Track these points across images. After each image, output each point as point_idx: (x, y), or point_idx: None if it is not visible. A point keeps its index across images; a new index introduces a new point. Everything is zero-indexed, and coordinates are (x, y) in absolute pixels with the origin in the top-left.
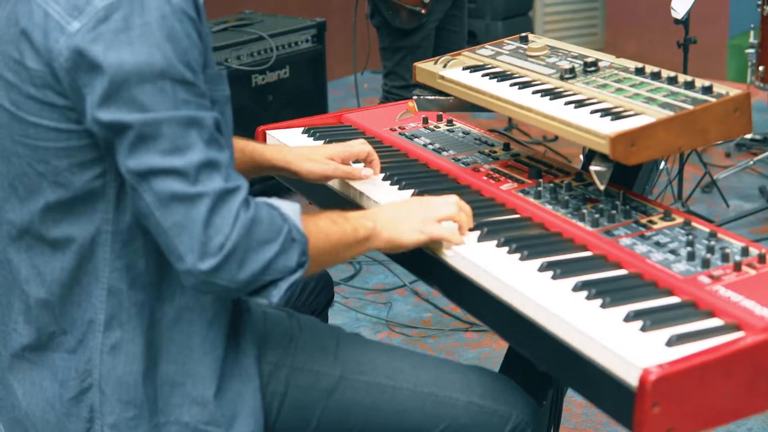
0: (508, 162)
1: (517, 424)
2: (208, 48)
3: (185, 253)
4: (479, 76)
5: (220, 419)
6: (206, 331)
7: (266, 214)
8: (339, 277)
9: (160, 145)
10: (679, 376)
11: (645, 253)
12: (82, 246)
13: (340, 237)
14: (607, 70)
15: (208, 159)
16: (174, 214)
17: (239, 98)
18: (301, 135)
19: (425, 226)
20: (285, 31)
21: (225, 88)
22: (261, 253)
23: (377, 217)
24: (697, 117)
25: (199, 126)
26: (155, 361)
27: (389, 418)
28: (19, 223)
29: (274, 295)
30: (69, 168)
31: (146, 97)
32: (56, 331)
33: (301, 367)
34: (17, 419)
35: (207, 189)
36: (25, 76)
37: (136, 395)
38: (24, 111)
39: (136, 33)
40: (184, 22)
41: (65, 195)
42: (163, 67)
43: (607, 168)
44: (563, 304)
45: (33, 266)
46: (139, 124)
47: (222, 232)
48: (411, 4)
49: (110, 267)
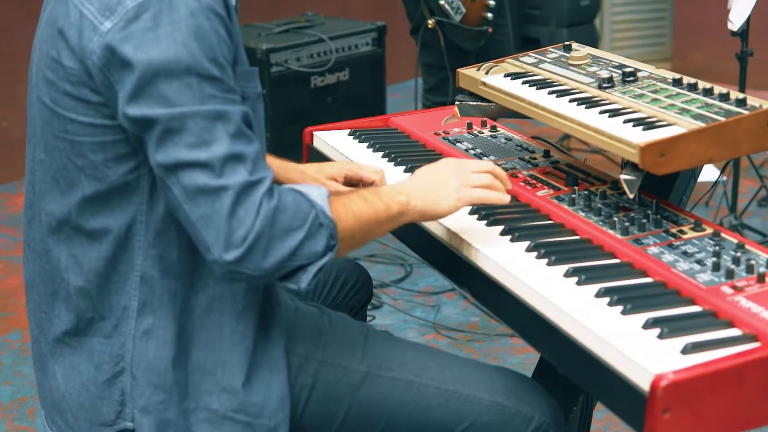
0: (546, 169)
1: (539, 425)
2: (239, 46)
3: (212, 244)
4: (519, 84)
5: (249, 408)
6: (237, 321)
7: (291, 201)
8: (389, 278)
9: (186, 139)
10: (690, 383)
11: (671, 262)
12: (118, 236)
13: (371, 216)
14: (646, 80)
15: (234, 152)
16: (200, 206)
17: (298, 99)
18: (347, 137)
19: (461, 192)
20: (345, 34)
21: (256, 85)
22: (286, 241)
23: (411, 190)
24: (728, 129)
25: (226, 120)
26: (186, 347)
27: (414, 413)
28: (59, 215)
29: (303, 280)
30: (105, 162)
31: (173, 92)
32: (94, 317)
33: (329, 362)
34: (55, 402)
35: (231, 182)
36: (62, 74)
37: (166, 379)
38: (62, 107)
39: (164, 31)
40: (212, 19)
41: (101, 188)
42: (189, 63)
43: (637, 177)
44: (585, 309)
45: (72, 255)
46: (165, 118)
47: (245, 223)
48: (477, 24)
49: (144, 256)
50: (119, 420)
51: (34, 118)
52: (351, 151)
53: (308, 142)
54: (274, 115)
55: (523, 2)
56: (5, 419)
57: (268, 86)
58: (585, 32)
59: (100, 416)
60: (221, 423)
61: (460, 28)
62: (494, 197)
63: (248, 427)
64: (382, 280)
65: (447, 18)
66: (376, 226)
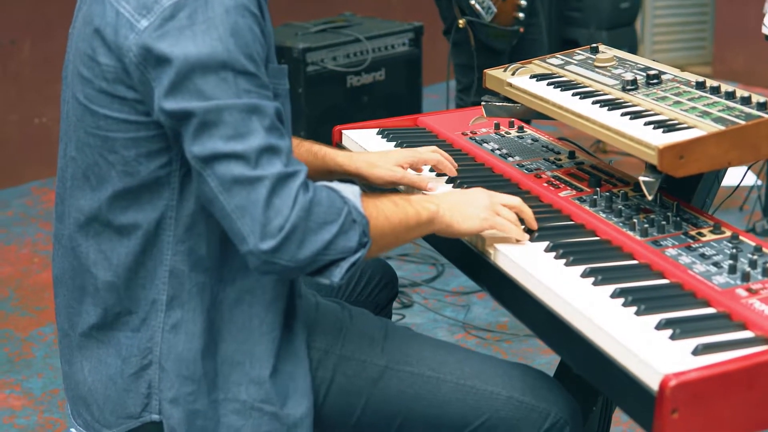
0: (570, 170)
1: (555, 422)
2: (271, 44)
3: (248, 234)
4: (544, 85)
5: (275, 398)
6: (265, 313)
7: (326, 196)
8: (421, 278)
9: (223, 131)
10: (699, 384)
11: (688, 264)
12: (147, 231)
13: (401, 219)
14: (670, 83)
15: (269, 144)
16: (236, 196)
17: (334, 98)
18: (375, 136)
19: (488, 214)
20: (382, 34)
21: (285, 83)
22: (320, 234)
23: (440, 200)
24: (748, 132)
25: (260, 113)
26: (215, 339)
27: (431, 408)
28: (88, 211)
29: (336, 275)
30: (136, 158)
31: (209, 86)
32: (122, 312)
33: (348, 356)
34: (81, 396)
35: (267, 172)
36: (97, 72)
37: (195, 371)
38: (96, 104)
39: (201, 28)
40: (246, 17)
41: (132, 183)
42: (224, 58)
43: (656, 179)
44: (599, 309)
45: (100, 251)
46: (202, 111)
47: (281, 213)
48: (508, 24)
49: (173, 250)
50: (145, 413)
51: (68, 116)
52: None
53: (337, 141)
54: (309, 114)
55: (563, 4)
56: (36, 411)
57: (304, 85)
58: (625, 35)
59: (126, 409)
60: (249, 414)
61: (491, 28)
62: (515, 233)
63: (275, 417)
64: (414, 279)
65: (478, 18)
66: (406, 230)
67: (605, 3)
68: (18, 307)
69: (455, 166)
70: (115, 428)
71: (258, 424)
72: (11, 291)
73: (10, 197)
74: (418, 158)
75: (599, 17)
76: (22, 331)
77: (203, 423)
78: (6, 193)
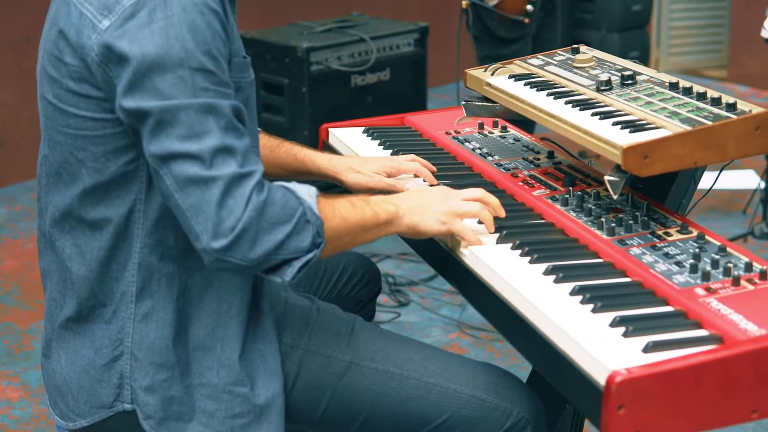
0: (547, 169)
1: (517, 421)
2: (233, 40)
3: (201, 232)
4: (521, 85)
5: (245, 380)
6: (233, 296)
7: (281, 196)
8: (419, 276)
9: (178, 131)
10: (645, 381)
11: (650, 263)
12: (118, 225)
13: (358, 220)
14: (644, 83)
15: (224, 144)
16: (191, 196)
17: (338, 98)
18: (361, 135)
19: (447, 218)
20: (387, 34)
21: (250, 74)
22: (273, 234)
23: (400, 202)
24: (714, 133)
25: (217, 113)
26: (186, 326)
27: (395, 405)
28: (62, 207)
29: (288, 274)
30: (105, 154)
31: (166, 85)
32: (96, 304)
33: (314, 351)
34: (57, 386)
35: (221, 173)
36: (64, 71)
37: (167, 358)
38: (64, 103)
39: (158, 26)
40: (206, 14)
41: (101, 179)
42: (182, 56)
43: (621, 178)
44: (557, 306)
45: (76, 245)
46: (158, 110)
47: (234, 213)
48: (515, 13)
49: (142, 243)
50: (117, 402)
51: (41, 115)
52: (362, 149)
53: (324, 139)
54: (312, 113)
55: (575, 6)
56: (32, 402)
57: (308, 85)
58: (637, 37)
59: (98, 399)
60: (221, 397)
61: (495, 14)
62: (474, 240)
63: (246, 399)
64: (412, 278)
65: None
66: (363, 230)
67: (616, 5)
68: (20, 300)
69: (434, 170)
70: (88, 418)
71: (230, 407)
72: (14, 285)
73: (18, 192)
74: (396, 168)
75: (611, 19)
76: (23, 324)
77: (179, 408)
78: (15, 188)
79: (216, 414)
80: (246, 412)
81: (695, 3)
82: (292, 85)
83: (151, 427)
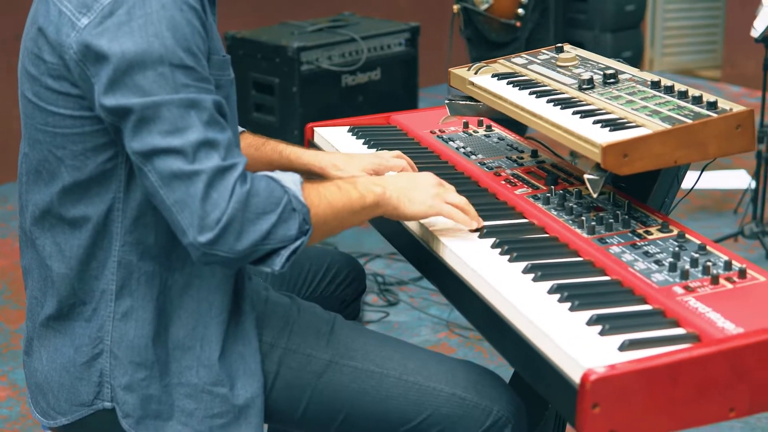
0: (530, 168)
1: (497, 419)
2: (213, 37)
3: (187, 227)
4: (504, 84)
5: (225, 380)
6: (213, 297)
7: (265, 186)
8: (408, 276)
9: (161, 127)
10: (620, 379)
11: (630, 262)
12: (97, 224)
13: (345, 203)
14: (626, 82)
15: (206, 138)
16: (176, 191)
17: (329, 98)
18: (346, 134)
19: (435, 201)
20: (377, 34)
21: (229, 73)
22: (259, 224)
23: (387, 183)
24: (695, 131)
25: (199, 108)
26: (165, 325)
27: (374, 403)
28: (42, 205)
29: (276, 263)
30: (84, 152)
31: (147, 82)
32: (76, 303)
33: (294, 349)
34: (38, 384)
35: (204, 166)
36: (43, 69)
37: (147, 357)
38: (44, 101)
39: (137, 24)
40: (185, 11)
41: (80, 177)
42: (162, 53)
43: (600, 176)
44: (535, 304)
45: (56, 243)
46: (140, 107)
47: (219, 206)
48: (506, 17)
49: (121, 241)
50: (97, 401)
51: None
52: (346, 148)
53: (309, 138)
54: (303, 113)
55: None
56: (20, 401)
57: (299, 84)
58: (630, 37)
59: (78, 397)
60: (200, 397)
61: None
62: (462, 219)
63: (225, 399)
64: (402, 277)
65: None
66: (351, 214)
67: (610, 5)
68: (10, 300)
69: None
70: (68, 416)
71: (209, 407)
72: (4, 284)
73: (8, 191)
74: (383, 165)
75: (604, 20)
76: (13, 323)
77: (157, 407)
78: (5, 188)
79: (195, 413)
80: (225, 412)
81: (689, 3)
82: (283, 85)
83: (130, 425)
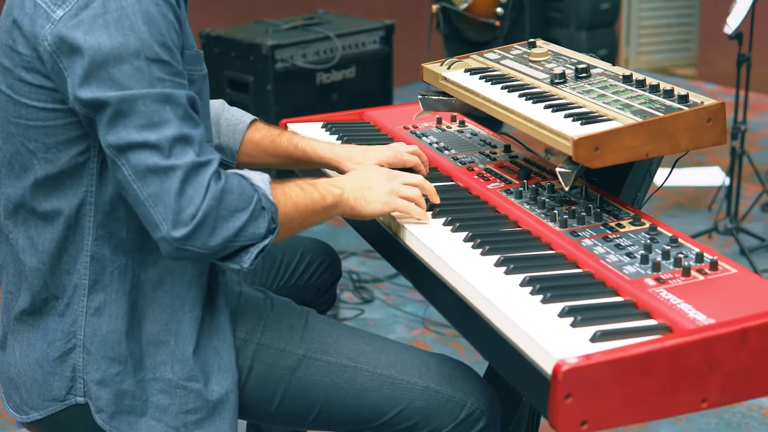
0: (503, 163)
1: (472, 412)
2: (186, 31)
3: (160, 222)
4: (476, 79)
5: (199, 375)
6: (187, 291)
7: (237, 184)
8: (384, 273)
9: (136, 121)
10: (591, 370)
11: (602, 254)
12: (69, 217)
13: (308, 204)
14: (598, 77)
15: (182, 134)
16: (150, 185)
17: (303, 95)
18: (320, 129)
19: (389, 197)
20: (352, 32)
21: (202, 68)
22: (231, 221)
23: (344, 184)
24: (666, 124)
25: (174, 103)
26: (139, 320)
27: (348, 397)
28: (15, 199)
29: (245, 261)
30: (56, 145)
31: (123, 75)
32: (48, 297)
33: (267, 344)
34: (11, 379)
35: (180, 162)
36: (17, 61)
37: (120, 352)
38: (17, 93)
39: (113, 17)
40: (160, 5)
41: (53, 170)
42: (138, 47)
43: (572, 170)
44: (506, 296)
45: (28, 237)
46: (116, 101)
47: (194, 202)
48: (485, 17)
49: (94, 235)
50: (70, 395)
51: None
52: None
53: None
54: (278, 111)
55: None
56: None
57: (273, 82)
58: (604, 35)
59: (51, 392)
60: (174, 392)
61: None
62: (417, 213)
63: (199, 395)
64: (377, 275)
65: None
66: (313, 214)
67: (585, 3)
68: None
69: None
70: (41, 410)
71: (184, 402)
72: None
73: None
74: (399, 159)
75: (579, 18)
76: None
77: (131, 403)
78: None
79: (169, 409)
80: (199, 407)
81: (664, 2)
82: (257, 83)
83: (103, 420)
